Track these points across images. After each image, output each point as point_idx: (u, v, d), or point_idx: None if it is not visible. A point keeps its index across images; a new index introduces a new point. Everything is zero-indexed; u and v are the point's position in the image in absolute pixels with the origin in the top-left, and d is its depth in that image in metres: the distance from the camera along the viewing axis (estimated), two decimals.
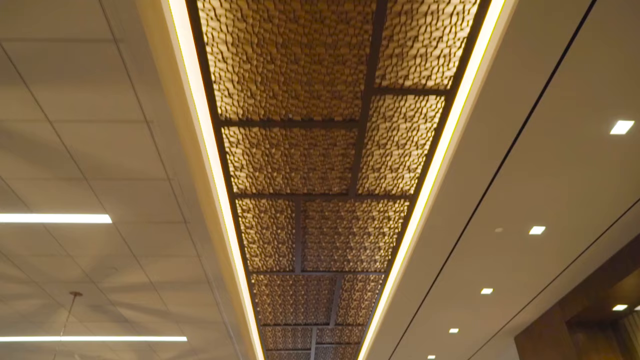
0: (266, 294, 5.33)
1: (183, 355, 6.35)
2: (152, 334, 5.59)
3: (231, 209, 3.79)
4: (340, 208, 3.89)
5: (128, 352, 6.17)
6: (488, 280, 4.98)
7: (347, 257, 4.62)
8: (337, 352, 7.32)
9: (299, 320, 6.08)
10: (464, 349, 7.03)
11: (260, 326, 6.24)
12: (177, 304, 4.84)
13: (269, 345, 6.96)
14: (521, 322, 6.10)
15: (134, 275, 4.24)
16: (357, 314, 5.96)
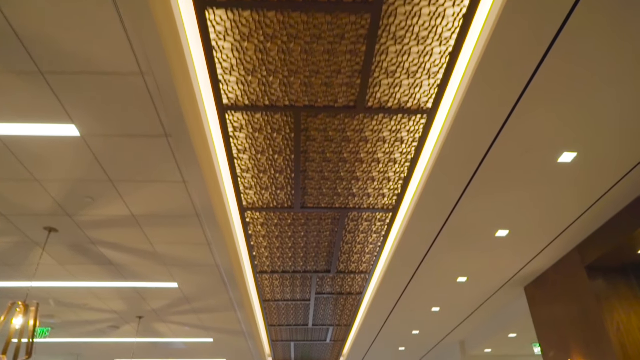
0: (262, 235, 4.89)
1: (175, 304, 5.99)
2: (140, 279, 5.19)
3: (220, 126, 3.29)
4: (346, 127, 3.39)
5: (115, 300, 5.79)
6: (505, 221, 4.55)
7: (352, 191, 4.16)
8: (337, 303, 6.98)
9: (298, 267, 5.69)
10: (471, 300, 6.70)
11: (256, 274, 5.84)
12: (164, 243, 4.40)
13: (266, 295, 6.60)
14: (534, 270, 5.72)
15: (112, 207, 3.78)
16: (360, 260, 5.56)
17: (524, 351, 8.54)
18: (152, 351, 8.42)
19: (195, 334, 7.38)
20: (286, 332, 8.45)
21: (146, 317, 6.46)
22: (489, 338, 7.84)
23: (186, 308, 6.14)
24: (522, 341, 7.90)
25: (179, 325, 6.85)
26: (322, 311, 7.31)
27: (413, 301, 6.68)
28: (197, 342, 7.82)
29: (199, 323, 6.80)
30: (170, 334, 7.35)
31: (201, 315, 6.48)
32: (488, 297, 6.59)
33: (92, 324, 6.74)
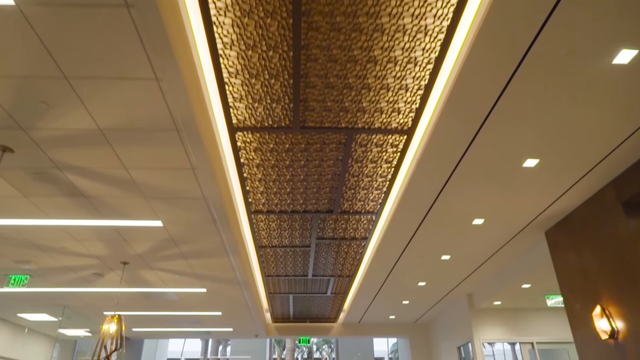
0: (256, 165, 4.27)
1: (161, 247, 5.44)
2: (119, 216, 4.60)
3: (200, 7, 2.60)
4: (357, 9, 2.69)
5: (94, 242, 5.23)
6: (536, 147, 3.92)
7: (361, 104, 3.50)
8: (340, 250, 6.45)
9: (297, 206, 5.10)
10: (485, 247, 6.16)
11: (251, 213, 5.26)
12: (141, 168, 3.78)
13: (262, 240, 6.05)
14: (559, 210, 5.14)
15: (73, 117, 3.12)
16: (367, 197, 4.96)
17: (535, 303, 8.12)
18: (142, 303, 7.96)
19: (187, 283, 6.89)
20: (284, 284, 7.98)
21: (132, 263, 5.93)
22: (500, 290, 7.38)
23: (174, 252, 5.59)
24: (535, 292, 7.44)
25: (168, 272, 6.34)
26: (323, 259, 6.79)
27: (422, 248, 6.14)
28: (189, 292, 7.34)
29: (189, 270, 6.29)
30: (160, 283, 6.86)
31: (191, 261, 5.95)
32: (504, 243, 6.05)
33: (74, 270, 6.21)
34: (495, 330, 8.31)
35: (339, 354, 11.80)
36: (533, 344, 8.22)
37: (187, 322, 9.42)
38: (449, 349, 9.49)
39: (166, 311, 8.53)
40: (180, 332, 10.66)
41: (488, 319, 8.39)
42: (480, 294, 8.09)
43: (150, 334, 10.85)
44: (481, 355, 8.06)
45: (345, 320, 10.71)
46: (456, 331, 9.05)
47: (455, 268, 7.02)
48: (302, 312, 10.17)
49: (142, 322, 9.49)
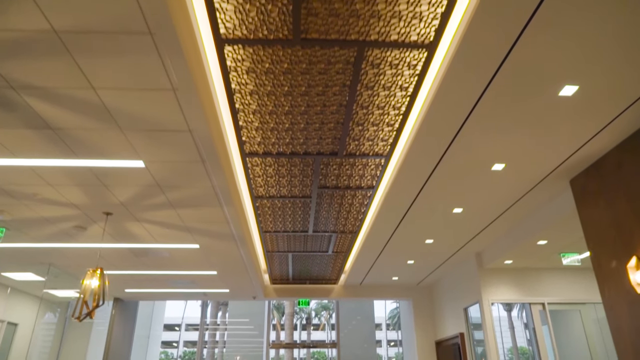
0: (249, 92, 3.66)
1: (146, 194, 4.89)
2: (94, 154, 4.03)
3: None
4: None
5: (70, 188, 4.68)
6: (576, 71, 3.33)
7: (375, 7, 2.87)
8: (344, 201, 5.92)
9: (296, 146, 4.52)
10: (502, 197, 5.63)
11: (245, 156, 4.69)
12: (111, 88, 3.18)
13: (258, 190, 5.51)
14: (590, 153, 4.59)
15: (19, 13, 2.50)
16: (376, 135, 4.38)
17: (548, 263, 7.68)
18: (132, 261, 7.49)
19: (178, 239, 6.39)
20: (283, 241, 7.50)
21: (115, 213, 5.40)
22: (513, 247, 6.90)
23: (161, 201, 5.05)
24: (551, 250, 6.97)
25: (156, 225, 5.82)
26: (325, 213, 6.27)
27: (433, 199, 5.61)
28: (181, 248, 6.85)
29: (180, 223, 5.77)
30: (149, 238, 6.35)
31: (182, 212, 5.42)
32: (523, 193, 5.52)
33: (53, 222, 5.69)
34: (505, 290, 7.90)
35: (339, 318, 11.49)
36: (544, 304, 7.83)
37: (182, 283, 9.01)
38: (454, 310, 9.13)
39: (158, 270, 8.08)
40: (175, 294, 10.27)
41: (497, 279, 7.97)
42: (491, 253, 7.64)
43: (145, 296, 10.47)
44: (489, 316, 7.67)
45: (346, 282, 10.32)
46: (463, 292, 8.65)
47: (467, 223, 6.51)
48: (302, 273, 9.76)
49: (134, 283, 9.07)
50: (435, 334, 10.28)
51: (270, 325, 11.54)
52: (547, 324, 7.72)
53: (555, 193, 5.57)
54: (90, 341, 10.96)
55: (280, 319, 35.42)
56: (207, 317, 30.46)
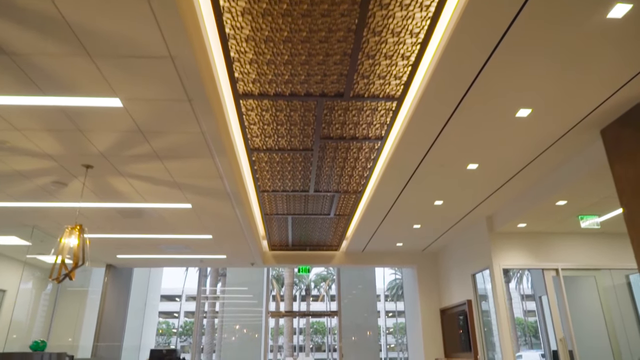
0: (240, 13, 3.09)
1: (128, 142, 4.35)
2: (63, 90, 3.47)
3: None
4: None
5: (41, 133, 4.14)
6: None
7: None
8: (348, 155, 5.39)
9: (296, 85, 3.97)
10: (522, 151, 5.11)
11: (238, 97, 4.14)
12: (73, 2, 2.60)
13: (254, 141, 4.98)
14: (628, 98, 4.05)
15: None
16: (389, 71, 3.82)
17: (564, 226, 7.22)
18: (120, 223, 7.02)
19: (168, 196, 5.89)
20: (282, 202, 7.01)
21: (96, 166, 4.88)
22: (530, 208, 6.42)
23: (145, 150, 4.52)
24: (569, 211, 6.50)
25: (142, 180, 5.31)
26: (328, 169, 5.75)
27: (447, 152, 5.09)
28: (172, 208, 6.36)
29: (168, 178, 5.25)
30: (136, 196, 5.85)
31: (169, 164, 4.89)
32: (548, 145, 4.99)
33: (29, 177, 5.17)
34: (517, 255, 7.47)
35: (340, 286, 11.15)
36: (558, 270, 7.42)
37: (176, 248, 8.57)
38: (461, 277, 8.74)
39: (150, 234, 7.62)
40: (170, 260, 9.87)
41: (509, 244, 7.53)
42: (503, 215, 7.17)
43: (138, 262, 10.06)
44: (500, 282, 7.26)
45: (348, 249, 9.90)
46: (471, 258, 8.23)
47: (481, 182, 6.01)
48: (302, 239, 9.32)
49: (125, 248, 8.64)
50: (440, 302, 9.94)
51: (269, 294, 11.20)
52: (559, 291, 7.32)
53: (583, 145, 5.05)
54: (85, 309, 10.63)
55: (280, 290, 35.47)
56: (207, 288, 30.41)
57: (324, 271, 46.44)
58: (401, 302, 47.52)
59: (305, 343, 41.03)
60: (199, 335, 30.86)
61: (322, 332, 47.37)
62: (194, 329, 11.03)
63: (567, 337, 7.05)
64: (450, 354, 9.25)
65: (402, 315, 43.58)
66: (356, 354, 10.91)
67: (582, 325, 7.31)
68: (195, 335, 10.92)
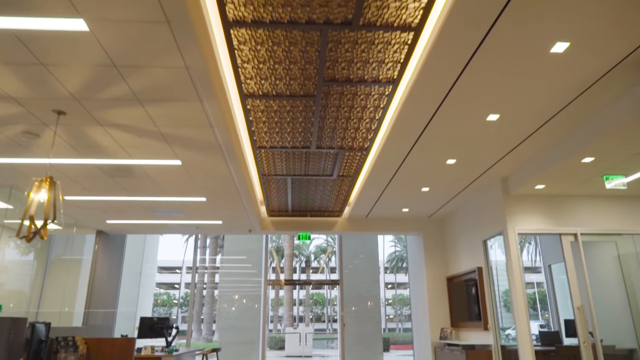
0: None
1: (101, 81, 3.75)
2: (10, 5, 2.86)
3: None
4: None
5: (7, 76, 3.54)
6: None
7: None
8: (355, 101, 4.80)
9: (297, 10, 3.35)
10: (553, 96, 4.52)
11: (227, 24, 3.52)
12: None
13: (248, 84, 4.38)
14: None
15: None
16: None
17: (586, 188, 6.69)
18: (105, 183, 6.48)
19: (154, 151, 5.33)
20: (280, 161, 6.45)
21: (69, 112, 4.29)
22: (549, 167, 5.87)
23: (122, 91, 3.93)
24: (594, 171, 5.95)
25: (123, 131, 4.72)
26: (332, 120, 5.17)
27: (467, 99, 4.50)
28: (161, 165, 5.81)
29: (152, 127, 4.67)
30: (119, 150, 5.28)
31: (151, 110, 4.30)
32: (582, 90, 4.40)
33: None
34: (533, 220, 6.97)
35: (342, 255, 10.72)
36: (576, 235, 6.92)
37: (168, 212, 8.06)
38: (471, 243, 8.26)
39: (139, 196, 7.08)
40: (164, 226, 9.38)
41: (525, 207, 7.01)
42: (520, 176, 6.62)
43: (130, 228, 9.57)
44: (515, 247, 6.78)
45: (350, 215, 9.40)
46: (483, 223, 7.73)
47: (501, 136, 5.43)
48: (302, 204, 8.81)
49: (115, 212, 8.12)
50: (446, 270, 9.51)
51: (267, 261, 10.77)
52: (578, 257, 6.85)
53: (619, 92, 4.45)
54: (80, 278, 10.21)
55: (280, 261, 35.36)
56: (206, 257, 30.23)
57: (324, 243, 46.39)
58: (400, 274, 47.63)
59: (305, 314, 41.27)
60: (199, 305, 30.89)
61: (321, 303, 47.67)
62: (190, 299, 10.65)
63: (585, 306, 6.62)
64: (457, 324, 8.87)
65: (401, 286, 43.67)
66: (358, 324, 10.57)
67: (600, 294, 6.88)
68: (192, 305, 10.56)
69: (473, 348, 7.61)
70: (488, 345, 7.52)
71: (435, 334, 9.09)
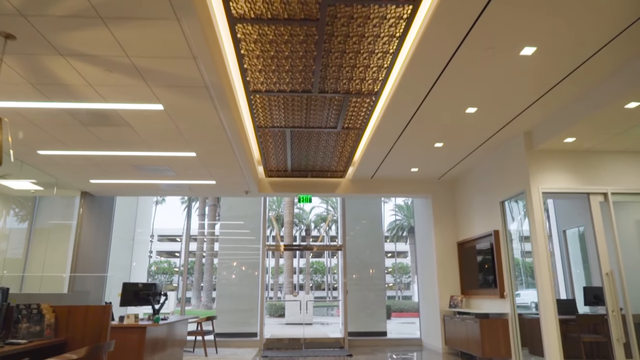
0: None
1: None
2: None
3: None
4: None
5: None
6: None
7: None
8: (367, 27, 4.02)
9: None
10: (598, 25, 3.74)
11: None
12: None
13: (237, 5, 3.59)
14: None
15: None
16: None
17: (620, 142, 5.98)
18: (80, 133, 5.74)
19: (130, 91, 4.57)
20: (278, 110, 5.70)
21: (19, 36, 3.52)
22: (585, 115, 5.14)
23: (79, 4, 3.15)
24: (636, 119, 5.21)
25: (88, 63, 3.96)
26: (338, 54, 4.39)
27: (501, 26, 3.72)
28: (140, 110, 5.06)
29: (121, 56, 3.90)
30: (88, 90, 4.53)
31: (118, 32, 3.53)
32: (633, 19, 3.62)
33: None
34: (559, 177, 6.27)
35: (345, 219, 10.08)
36: (607, 194, 6.25)
37: (155, 170, 7.34)
38: (486, 205, 7.60)
39: (121, 150, 6.35)
40: (153, 187, 8.68)
41: (550, 164, 6.31)
42: (548, 128, 5.88)
43: (117, 189, 8.87)
44: (539, 207, 6.11)
45: (355, 175, 8.72)
46: (501, 182, 7.04)
47: (534, 76, 4.67)
48: (303, 164, 8.10)
49: (97, 171, 7.41)
50: (457, 235, 8.89)
51: (265, 225, 10.14)
52: (608, 218, 6.19)
53: None
54: (69, 243, 9.61)
55: (280, 230, 34.95)
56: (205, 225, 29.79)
57: (324, 212, 45.99)
58: (400, 243, 47.43)
59: (305, 282, 41.26)
60: (199, 273, 30.66)
61: (321, 271, 47.72)
62: (183, 267, 10.09)
63: (615, 272, 6.00)
64: (467, 291, 8.32)
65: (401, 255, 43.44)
66: (360, 292, 10.04)
67: (628, 259, 6.26)
68: (185, 273, 10.00)
69: (487, 317, 7.06)
70: (503, 314, 6.97)
71: (444, 302, 8.55)
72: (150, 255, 49.08)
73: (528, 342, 6.56)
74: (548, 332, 5.74)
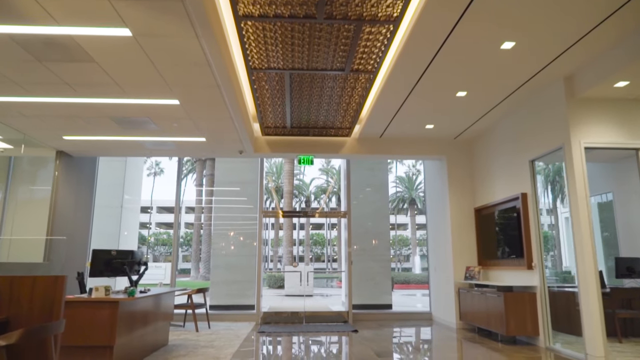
0: None
1: None
2: None
3: None
4: None
5: None
6: None
7: None
8: None
9: None
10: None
11: None
12: None
13: None
14: None
15: None
16: None
17: None
18: (36, 71, 4.80)
19: (84, 8, 3.62)
20: (275, 45, 4.74)
21: None
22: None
23: None
24: None
25: None
26: None
27: None
28: (100, 37, 4.11)
29: None
30: (35, 9, 3.57)
31: None
32: None
33: None
34: (604, 130, 5.37)
35: (350, 183, 9.21)
36: None
37: (133, 122, 6.39)
38: (512, 166, 6.71)
39: (89, 96, 5.41)
40: (135, 145, 7.74)
41: (594, 114, 5.39)
42: (597, 70, 4.94)
43: (96, 148, 7.93)
44: (581, 165, 5.22)
45: (362, 134, 7.80)
46: (532, 138, 6.14)
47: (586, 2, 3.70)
48: (303, 118, 7.17)
49: (70, 125, 6.48)
50: (474, 201, 8.04)
51: (263, 189, 9.29)
52: None
53: None
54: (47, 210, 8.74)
55: (280, 201, 34.18)
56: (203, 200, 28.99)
57: (324, 183, 45.23)
58: (401, 215, 46.83)
59: (305, 253, 40.85)
60: (197, 244, 30.03)
61: (321, 243, 47.33)
62: (173, 238, 9.28)
63: None
64: (485, 262, 7.52)
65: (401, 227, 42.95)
66: (363, 262, 9.28)
67: None
68: (176, 243, 9.22)
69: (511, 290, 6.27)
70: (529, 287, 6.17)
71: (459, 274, 7.76)
72: (149, 226, 48.65)
73: (553, 319, 5.80)
74: (590, 308, 4.94)
